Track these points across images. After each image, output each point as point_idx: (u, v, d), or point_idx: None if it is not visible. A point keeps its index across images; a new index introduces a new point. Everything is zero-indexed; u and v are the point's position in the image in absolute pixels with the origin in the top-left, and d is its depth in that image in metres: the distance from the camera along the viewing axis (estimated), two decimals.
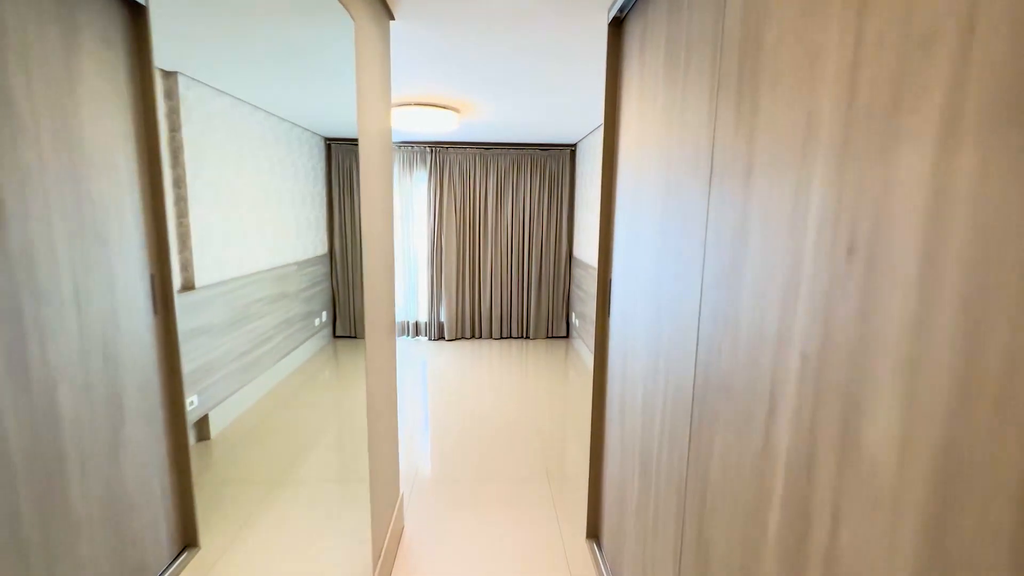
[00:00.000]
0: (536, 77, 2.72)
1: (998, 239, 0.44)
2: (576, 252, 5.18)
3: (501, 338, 5.44)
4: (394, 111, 3.35)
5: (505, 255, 5.28)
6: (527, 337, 5.47)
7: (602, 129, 4.35)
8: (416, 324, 5.37)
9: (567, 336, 5.51)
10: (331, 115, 3.81)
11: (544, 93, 3.01)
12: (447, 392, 3.93)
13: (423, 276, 5.32)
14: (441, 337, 5.39)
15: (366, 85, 1.66)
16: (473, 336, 5.46)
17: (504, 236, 5.25)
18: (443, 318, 5.30)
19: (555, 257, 5.33)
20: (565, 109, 3.46)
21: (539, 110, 3.49)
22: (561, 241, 5.30)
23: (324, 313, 5.16)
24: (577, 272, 5.05)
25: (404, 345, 5.17)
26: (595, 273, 4.52)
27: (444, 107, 3.36)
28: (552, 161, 5.17)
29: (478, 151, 5.10)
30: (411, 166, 5.10)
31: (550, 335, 5.47)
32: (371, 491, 1.72)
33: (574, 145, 5.19)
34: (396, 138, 4.87)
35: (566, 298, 5.41)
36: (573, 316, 5.22)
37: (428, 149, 5.04)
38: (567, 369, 4.58)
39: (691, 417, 1.10)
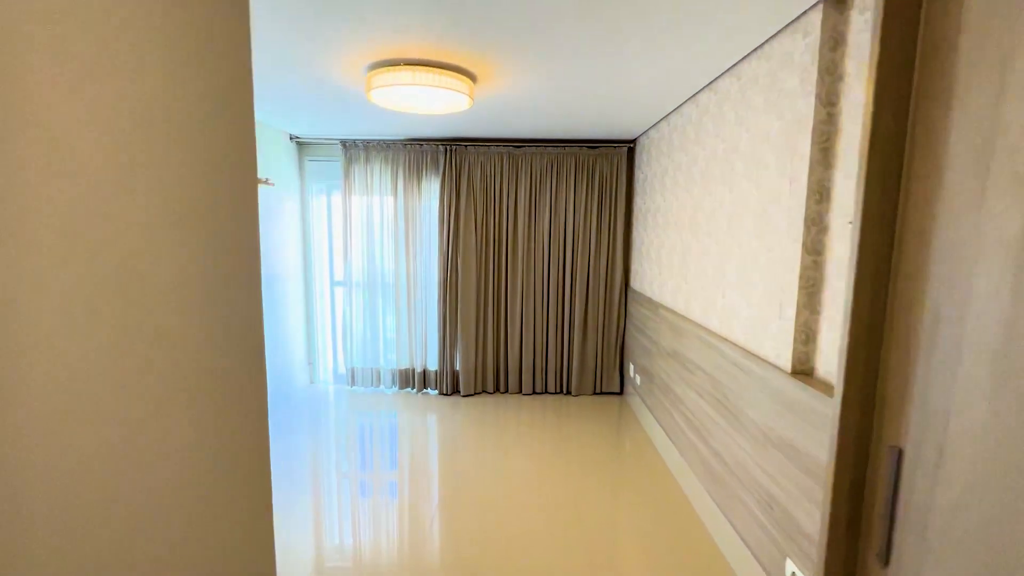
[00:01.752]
0: (601, 18, 1.50)
1: None
2: (634, 282, 3.89)
3: (534, 393, 4.17)
4: (373, 79, 2.18)
5: (540, 285, 4.03)
6: (568, 393, 4.18)
7: (682, 113, 2.70)
8: (424, 374, 4.16)
9: (621, 392, 4.19)
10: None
11: (608, 55, 1.78)
12: (458, 482, 2.69)
13: (432, 311, 4.12)
14: (455, 391, 4.16)
15: None
16: (497, 390, 4.20)
17: (539, 260, 4.01)
18: (459, 366, 4.08)
19: (606, 288, 4.04)
20: (635, 86, 2.23)
21: (595, 81, 2.26)
22: (614, 267, 4.02)
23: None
24: (636, 310, 3.75)
25: (407, 401, 3.96)
26: (667, 315, 2.92)
27: (451, 68, 2.17)
28: (603, 162, 3.92)
29: (506, 150, 3.90)
30: (419, 170, 3.95)
31: (598, 391, 4.16)
32: None
33: (632, 141, 3.93)
34: (395, 131, 3.73)
35: (620, 343, 4.11)
36: (631, 368, 3.90)
37: (441, 148, 3.88)
38: (622, 439, 3.29)
39: None
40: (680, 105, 2.82)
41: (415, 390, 4.17)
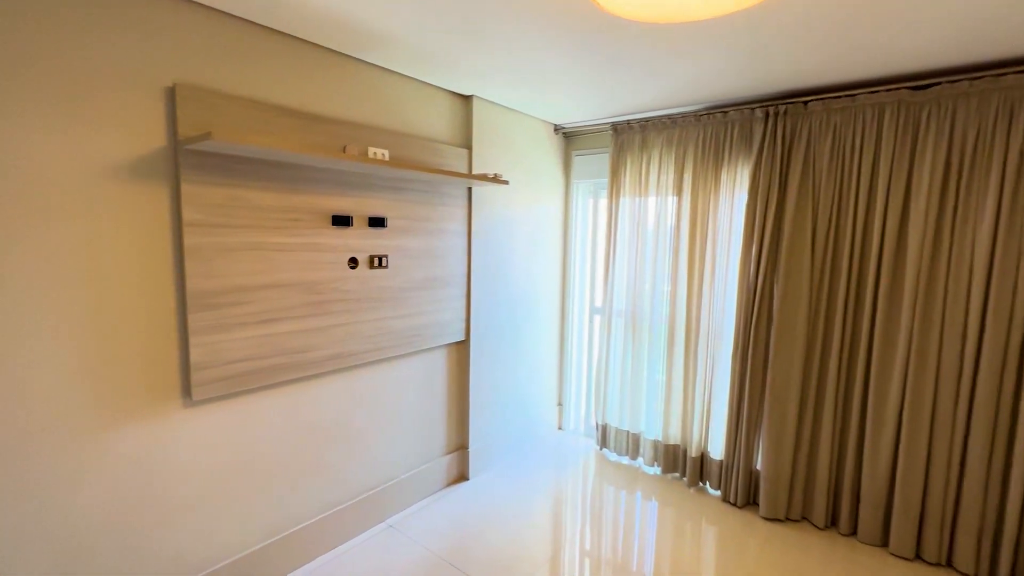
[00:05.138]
0: None
1: None
2: None
3: (918, 559, 2.18)
4: None
5: (950, 349, 2.04)
6: None
7: None
8: (700, 460, 2.75)
9: None
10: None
11: None
12: None
13: (723, 369, 2.66)
14: (751, 502, 2.58)
15: None
16: (833, 525, 2.40)
17: (952, 302, 2.04)
18: (760, 464, 2.50)
19: None
20: None
21: None
22: None
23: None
24: None
25: (673, 493, 2.65)
26: None
27: None
28: None
29: (889, 97, 2.12)
30: (717, 153, 2.59)
31: None
32: None
33: None
34: (682, 94, 2.47)
35: None
36: None
37: (759, 113, 2.43)
38: None
39: None
40: None
41: (685, 479, 2.80)
